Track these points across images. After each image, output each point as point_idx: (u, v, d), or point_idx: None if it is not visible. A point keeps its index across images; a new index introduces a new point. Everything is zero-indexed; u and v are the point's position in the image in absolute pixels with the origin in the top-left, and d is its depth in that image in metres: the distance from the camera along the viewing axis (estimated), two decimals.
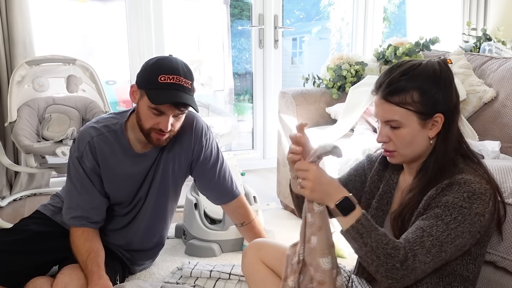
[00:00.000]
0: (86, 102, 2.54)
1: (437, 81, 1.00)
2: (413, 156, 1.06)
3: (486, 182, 0.97)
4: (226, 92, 5.32)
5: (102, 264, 1.41)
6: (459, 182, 0.96)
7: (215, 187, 1.67)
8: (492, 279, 1.27)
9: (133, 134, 1.50)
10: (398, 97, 1.00)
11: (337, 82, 2.47)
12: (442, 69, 1.02)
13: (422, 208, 1.00)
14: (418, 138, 1.02)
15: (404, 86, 1.00)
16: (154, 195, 1.57)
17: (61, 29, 4.15)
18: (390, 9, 5.07)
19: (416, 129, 1.01)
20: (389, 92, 1.01)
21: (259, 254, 1.29)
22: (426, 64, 1.02)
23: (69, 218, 1.48)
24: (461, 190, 0.95)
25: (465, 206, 0.93)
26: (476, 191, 0.95)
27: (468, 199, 0.94)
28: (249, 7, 3.37)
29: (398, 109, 1.00)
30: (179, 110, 1.38)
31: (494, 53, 2.78)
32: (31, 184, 2.73)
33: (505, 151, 1.85)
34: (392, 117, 1.02)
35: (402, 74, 1.01)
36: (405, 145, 1.03)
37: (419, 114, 1.00)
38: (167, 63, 1.36)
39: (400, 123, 1.01)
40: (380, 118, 1.05)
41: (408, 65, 1.03)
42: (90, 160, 1.46)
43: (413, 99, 0.99)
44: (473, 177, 0.97)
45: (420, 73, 1.00)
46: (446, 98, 1.01)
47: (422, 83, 0.99)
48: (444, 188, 0.98)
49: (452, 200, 0.94)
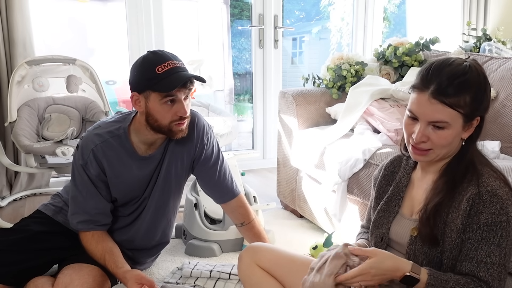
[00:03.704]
0: (86, 102, 2.54)
1: (484, 86, 1.02)
2: (444, 155, 1.07)
3: (505, 184, 1.01)
4: (226, 92, 5.32)
5: (120, 261, 1.45)
6: (487, 191, 0.99)
7: (215, 186, 1.67)
8: None
9: (136, 137, 1.50)
10: (453, 98, 0.98)
11: (337, 82, 2.47)
12: (483, 73, 1.03)
13: (462, 224, 1.01)
14: (456, 139, 1.03)
15: (461, 88, 0.99)
16: (157, 194, 1.57)
17: (61, 29, 4.15)
18: (390, 9, 5.08)
19: (458, 131, 1.02)
20: (446, 93, 0.99)
21: (254, 258, 1.29)
22: (473, 66, 1.01)
23: (76, 223, 1.48)
24: (493, 202, 0.98)
25: (503, 220, 0.97)
26: (503, 198, 0.98)
27: (502, 210, 0.97)
28: (249, 7, 3.37)
29: (450, 111, 0.99)
30: (188, 89, 1.40)
31: (494, 53, 2.78)
32: (31, 184, 2.73)
33: (505, 151, 1.85)
34: (442, 118, 1.00)
35: (456, 75, 0.99)
36: (444, 146, 1.03)
37: (466, 117, 1.00)
38: (153, 56, 1.38)
39: (447, 125, 1.00)
40: (427, 118, 1.02)
41: (459, 67, 1.01)
42: (94, 168, 1.46)
43: (465, 102, 0.99)
44: (494, 180, 1.00)
45: (473, 77, 1.00)
46: (487, 102, 1.03)
47: (476, 87, 1.00)
48: (475, 200, 0.99)
49: (491, 218, 0.98)
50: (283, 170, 2.49)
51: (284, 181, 2.48)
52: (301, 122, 2.33)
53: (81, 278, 1.38)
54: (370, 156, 1.82)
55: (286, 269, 1.27)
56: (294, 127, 2.34)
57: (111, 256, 1.45)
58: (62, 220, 1.57)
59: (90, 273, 1.41)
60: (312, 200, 2.20)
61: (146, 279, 1.36)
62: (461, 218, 1.01)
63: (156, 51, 1.40)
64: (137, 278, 1.36)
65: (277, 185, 2.57)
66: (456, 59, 1.03)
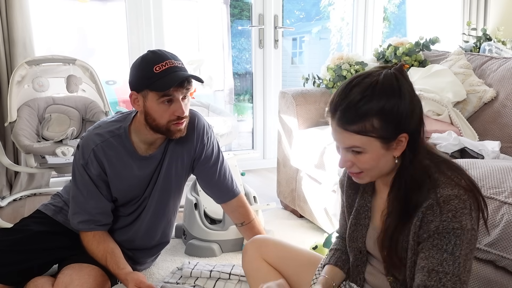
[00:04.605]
0: (86, 102, 2.54)
1: (398, 100, 0.91)
2: (381, 174, 1.01)
3: (464, 190, 0.92)
4: (226, 92, 5.32)
5: (121, 262, 1.45)
6: (439, 202, 0.91)
7: (215, 185, 1.67)
8: (492, 279, 1.27)
9: (137, 137, 1.50)
10: (357, 125, 0.92)
11: (337, 82, 2.47)
12: (401, 84, 0.92)
13: (413, 240, 0.95)
14: (383, 160, 0.96)
15: (362, 112, 0.91)
16: (157, 194, 1.57)
17: (61, 29, 4.15)
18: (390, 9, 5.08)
19: (379, 153, 0.95)
20: (346, 121, 0.93)
21: (260, 251, 1.29)
22: (383, 80, 0.92)
23: (77, 222, 1.49)
24: (444, 211, 0.90)
25: (456, 227, 0.89)
26: (457, 207, 0.90)
27: (455, 218, 0.89)
28: (249, 7, 3.37)
29: (359, 137, 0.93)
30: (185, 89, 1.39)
31: (494, 53, 2.78)
32: (31, 184, 2.73)
33: (505, 151, 1.85)
34: (354, 144, 0.95)
35: (359, 98, 0.92)
36: (370, 168, 0.98)
37: (382, 139, 0.93)
38: (152, 55, 1.38)
39: (362, 149, 0.95)
40: (341, 145, 0.98)
41: (364, 85, 0.93)
42: (95, 167, 1.46)
43: (373, 126, 0.91)
44: (450, 189, 0.92)
45: (379, 95, 0.91)
46: (409, 116, 0.92)
47: (382, 106, 0.91)
48: (425, 212, 0.93)
49: (441, 225, 0.90)
50: (283, 170, 2.49)
51: (284, 181, 2.48)
52: (301, 122, 2.33)
53: (81, 278, 1.38)
54: None
55: (292, 264, 1.27)
56: (294, 127, 2.34)
57: (112, 257, 1.45)
58: (62, 220, 1.57)
59: (90, 273, 1.41)
60: (312, 200, 2.20)
61: (147, 284, 1.36)
62: (412, 234, 0.95)
63: (156, 50, 1.40)
64: (137, 282, 1.36)
65: (277, 185, 2.57)
66: (368, 75, 0.94)
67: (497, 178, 1.33)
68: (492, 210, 1.26)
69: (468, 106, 2.11)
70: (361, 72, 0.97)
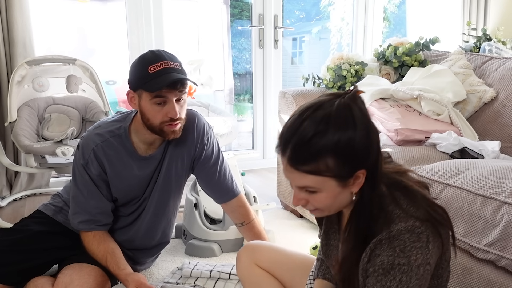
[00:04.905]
0: (86, 102, 2.54)
1: (353, 134, 0.82)
2: (339, 209, 0.95)
3: (420, 221, 0.84)
4: (226, 92, 5.32)
5: (121, 262, 1.45)
6: (389, 237, 0.84)
7: (216, 185, 1.67)
8: (492, 279, 1.27)
9: (137, 137, 1.50)
10: (309, 166, 0.84)
11: (337, 82, 2.47)
12: (355, 115, 0.83)
13: (361, 276, 0.89)
14: (339, 197, 0.89)
15: (316, 151, 0.83)
16: (157, 194, 1.57)
17: (61, 29, 4.15)
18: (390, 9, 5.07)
19: (335, 191, 0.87)
20: (298, 161, 0.85)
21: (253, 257, 1.28)
22: (336, 112, 0.83)
23: (77, 222, 1.49)
24: (391, 246, 0.83)
25: (402, 262, 0.82)
26: (407, 241, 0.83)
27: (402, 253, 0.82)
28: (249, 7, 3.37)
29: (312, 177, 0.85)
30: (178, 91, 1.38)
31: (494, 53, 2.78)
32: (31, 184, 2.73)
33: (505, 151, 1.85)
34: (307, 184, 0.87)
35: (311, 134, 0.83)
36: (328, 206, 0.91)
37: (338, 178, 0.85)
38: (150, 55, 1.38)
39: (316, 189, 0.87)
40: (294, 183, 0.89)
41: (316, 119, 0.83)
42: (95, 167, 1.46)
43: (328, 166, 0.83)
44: (404, 223, 0.84)
45: (332, 129, 0.82)
46: (366, 150, 0.84)
47: (337, 143, 0.82)
48: (373, 248, 0.86)
49: (387, 260, 0.83)
50: None
51: (284, 181, 2.48)
52: None
53: (81, 278, 1.38)
54: None
55: (285, 268, 1.26)
56: None
57: (113, 258, 1.45)
58: (62, 220, 1.57)
59: (90, 273, 1.41)
60: None
61: (147, 285, 1.36)
62: (360, 270, 0.89)
63: (155, 50, 1.40)
64: (138, 283, 1.36)
65: (277, 185, 2.57)
66: (320, 107, 0.85)
67: (497, 178, 1.33)
68: (492, 210, 1.26)
69: (468, 106, 2.11)
70: (313, 102, 0.87)
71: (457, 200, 1.37)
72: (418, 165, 1.63)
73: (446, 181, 1.43)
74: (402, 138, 1.89)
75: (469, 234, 1.31)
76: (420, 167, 1.59)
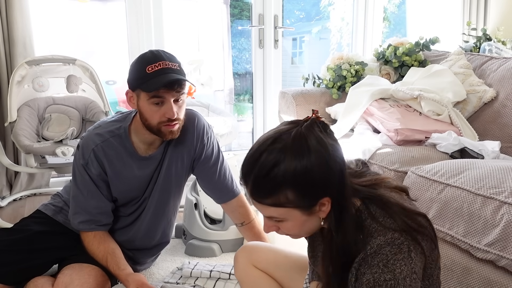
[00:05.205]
0: (86, 102, 2.54)
1: (308, 164, 0.82)
2: (313, 232, 0.96)
3: (398, 233, 0.84)
4: (226, 92, 5.32)
5: (122, 263, 1.45)
6: (370, 253, 0.84)
7: (216, 185, 1.67)
8: (492, 279, 1.27)
9: (136, 137, 1.50)
10: (269, 199, 0.85)
11: (337, 82, 2.47)
12: (310, 146, 0.83)
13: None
14: (308, 223, 0.90)
15: (274, 185, 0.84)
16: (157, 195, 1.57)
17: (61, 29, 4.15)
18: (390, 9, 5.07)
19: (302, 219, 0.88)
20: (258, 195, 0.87)
21: (250, 258, 1.28)
22: (292, 144, 0.83)
23: (78, 222, 1.49)
24: (374, 262, 0.83)
25: (388, 278, 0.82)
26: (389, 254, 0.83)
27: (386, 268, 0.82)
28: (249, 7, 3.37)
29: (275, 209, 0.86)
30: (176, 91, 1.37)
31: (494, 53, 2.78)
32: (31, 184, 2.73)
33: (505, 151, 1.85)
34: (270, 215, 0.89)
35: (265, 172, 0.84)
36: (297, 232, 0.93)
37: (300, 208, 0.86)
38: (149, 55, 1.38)
39: (282, 219, 0.89)
40: (261, 213, 0.91)
41: (273, 152, 0.84)
42: (95, 167, 1.46)
43: (288, 199, 0.84)
44: (382, 237, 0.84)
45: (289, 162, 0.82)
46: (324, 180, 0.84)
47: (294, 180, 0.83)
48: (357, 268, 0.86)
49: (372, 278, 0.83)
50: None
51: None
52: None
53: (81, 278, 1.38)
54: (370, 156, 1.83)
55: (283, 268, 1.26)
56: None
57: (113, 258, 1.45)
58: (62, 220, 1.57)
59: (90, 273, 1.41)
60: None
61: (148, 286, 1.36)
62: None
63: (154, 50, 1.40)
64: (139, 284, 1.36)
65: None
66: (277, 139, 0.85)
67: (497, 178, 1.33)
68: (492, 210, 1.26)
69: (468, 106, 2.11)
70: (271, 134, 0.87)
71: (457, 200, 1.37)
72: (418, 165, 1.63)
73: (446, 181, 1.43)
74: (402, 138, 1.89)
75: (469, 234, 1.31)
76: (420, 167, 1.59)
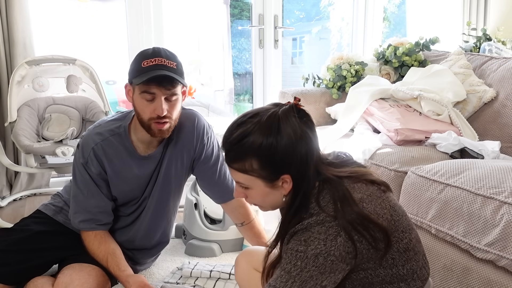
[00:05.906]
0: (86, 102, 2.54)
1: (274, 141, 0.93)
2: (276, 208, 1.05)
3: (333, 217, 0.90)
4: (226, 92, 5.31)
5: (122, 264, 1.45)
6: (301, 229, 0.93)
7: (216, 185, 1.67)
8: (492, 279, 1.27)
9: (135, 136, 1.50)
10: (237, 164, 0.98)
11: (337, 82, 2.47)
12: (281, 125, 0.94)
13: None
14: (271, 196, 1.01)
15: (242, 152, 0.96)
16: (157, 194, 1.57)
17: (61, 29, 4.15)
18: (390, 9, 5.07)
19: (264, 190, 0.99)
20: (229, 159, 1.00)
21: (251, 262, 1.28)
22: (265, 120, 0.95)
23: (78, 222, 1.49)
24: (299, 236, 0.92)
25: (300, 250, 0.90)
26: (314, 232, 0.90)
27: (305, 242, 0.90)
28: (249, 7, 3.37)
29: (241, 175, 0.99)
30: (166, 89, 1.37)
31: (494, 53, 2.78)
32: (31, 184, 2.73)
33: (505, 151, 1.85)
34: (237, 180, 1.01)
35: (237, 139, 0.96)
36: (260, 202, 1.04)
37: (263, 179, 0.97)
38: (149, 51, 1.39)
39: (247, 185, 1.00)
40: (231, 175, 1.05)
41: (247, 125, 0.96)
42: (95, 166, 1.46)
43: (252, 167, 0.96)
44: (316, 217, 0.92)
45: (257, 135, 0.94)
46: (286, 158, 0.95)
47: (259, 147, 0.94)
48: (289, 239, 0.96)
49: (291, 246, 0.93)
50: None
51: None
52: None
53: (82, 278, 1.38)
54: (370, 156, 1.83)
55: None
56: None
57: (113, 258, 1.45)
58: (62, 220, 1.57)
59: (90, 273, 1.41)
60: None
61: (149, 287, 1.36)
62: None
63: (155, 47, 1.41)
64: (140, 285, 1.36)
65: None
66: (255, 114, 0.97)
67: (497, 178, 1.33)
68: (492, 210, 1.26)
69: (468, 106, 2.11)
70: (253, 110, 1.00)
71: (457, 200, 1.37)
72: (418, 165, 1.63)
73: (446, 181, 1.43)
74: (402, 138, 1.89)
75: (469, 234, 1.31)
76: (420, 167, 1.59)
